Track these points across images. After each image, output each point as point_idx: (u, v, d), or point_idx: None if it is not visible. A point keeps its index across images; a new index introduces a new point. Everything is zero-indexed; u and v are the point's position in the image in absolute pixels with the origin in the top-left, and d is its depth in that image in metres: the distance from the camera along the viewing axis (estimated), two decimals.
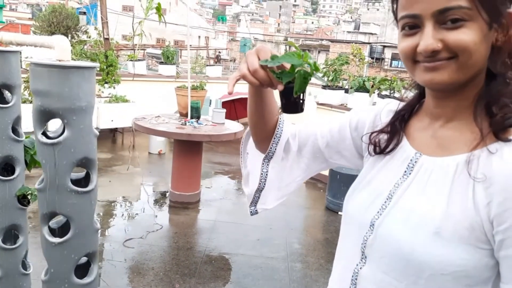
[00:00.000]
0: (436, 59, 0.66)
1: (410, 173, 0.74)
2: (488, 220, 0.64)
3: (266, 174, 0.95)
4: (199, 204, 4.34)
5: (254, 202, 0.99)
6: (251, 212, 1.00)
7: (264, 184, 0.96)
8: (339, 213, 4.14)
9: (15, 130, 1.32)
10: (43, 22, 5.83)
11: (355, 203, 0.82)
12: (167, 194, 4.47)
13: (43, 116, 0.90)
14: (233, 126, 4.45)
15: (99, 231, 1.01)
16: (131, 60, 7.31)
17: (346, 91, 5.36)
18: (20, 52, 1.38)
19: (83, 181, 1.01)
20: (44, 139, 0.91)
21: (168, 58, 7.69)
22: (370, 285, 0.76)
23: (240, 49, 21.30)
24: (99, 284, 1.06)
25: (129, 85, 6.89)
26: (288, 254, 3.38)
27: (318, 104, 5.52)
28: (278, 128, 0.94)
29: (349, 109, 5.60)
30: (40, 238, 0.97)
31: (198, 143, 4.23)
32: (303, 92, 0.77)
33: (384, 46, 30.54)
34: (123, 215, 4.00)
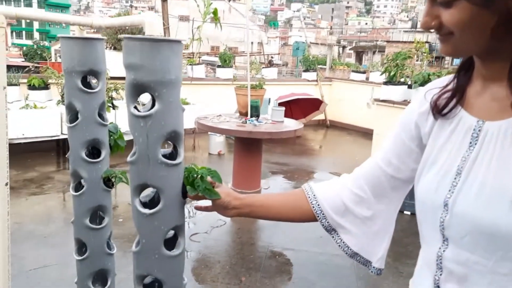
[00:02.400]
0: (441, 34, 0.67)
1: (475, 144, 0.69)
2: None
3: (343, 242, 0.92)
4: None
5: (365, 263, 0.93)
6: (372, 272, 0.93)
7: (350, 249, 0.92)
8: (404, 212, 3.98)
9: (100, 115, 1.39)
10: (110, 30, 6.18)
11: (423, 186, 0.77)
12: None
13: (135, 89, 0.94)
14: (292, 124, 4.43)
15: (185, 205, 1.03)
16: (190, 64, 7.53)
17: (409, 87, 5.16)
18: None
19: (169, 156, 1.03)
20: (136, 112, 0.94)
21: (225, 61, 7.84)
22: (457, 267, 0.71)
23: (293, 53, 21.25)
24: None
25: (188, 88, 7.09)
26: None
27: (378, 101, 5.36)
28: (314, 208, 0.92)
29: None
30: (132, 211, 1.01)
31: (259, 141, 4.26)
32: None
33: None
34: (188, 211, 4.10)
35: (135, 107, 0.96)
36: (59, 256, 2.98)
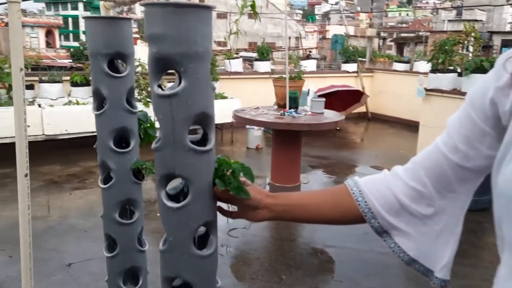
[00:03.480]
0: None
1: None
2: None
3: (398, 246, 0.77)
4: None
5: (426, 273, 0.77)
6: (435, 283, 0.77)
7: (407, 255, 0.77)
8: None
9: (129, 102, 1.29)
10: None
11: (506, 176, 0.60)
12: (267, 187, 4.40)
13: (159, 64, 0.82)
14: (333, 115, 4.24)
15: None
16: (228, 59, 7.46)
17: (459, 74, 4.82)
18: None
19: (199, 142, 0.91)
20: (160, 91, 0.83)
21: (263, 54, 7.70)
22: None
23: (331, 46, 20.76)
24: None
25: (226, 82, 7.02)
26: None
27: (426, 90, 5.05)
28: (360, 207, 0.77)
29: (463, 94, 5.03)
30: (158, 204, 0.89)
31: (297, 133, 4.09)
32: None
33: (492, 33, 27.63)
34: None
35: (159, 86, 0.84)
36: (99, 250, 2.95)
